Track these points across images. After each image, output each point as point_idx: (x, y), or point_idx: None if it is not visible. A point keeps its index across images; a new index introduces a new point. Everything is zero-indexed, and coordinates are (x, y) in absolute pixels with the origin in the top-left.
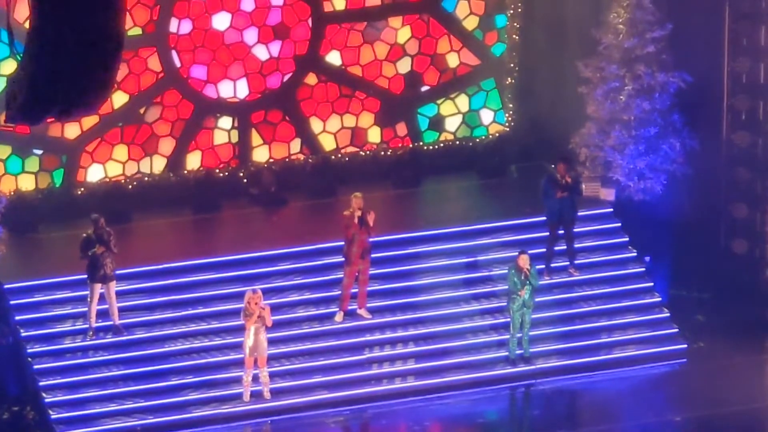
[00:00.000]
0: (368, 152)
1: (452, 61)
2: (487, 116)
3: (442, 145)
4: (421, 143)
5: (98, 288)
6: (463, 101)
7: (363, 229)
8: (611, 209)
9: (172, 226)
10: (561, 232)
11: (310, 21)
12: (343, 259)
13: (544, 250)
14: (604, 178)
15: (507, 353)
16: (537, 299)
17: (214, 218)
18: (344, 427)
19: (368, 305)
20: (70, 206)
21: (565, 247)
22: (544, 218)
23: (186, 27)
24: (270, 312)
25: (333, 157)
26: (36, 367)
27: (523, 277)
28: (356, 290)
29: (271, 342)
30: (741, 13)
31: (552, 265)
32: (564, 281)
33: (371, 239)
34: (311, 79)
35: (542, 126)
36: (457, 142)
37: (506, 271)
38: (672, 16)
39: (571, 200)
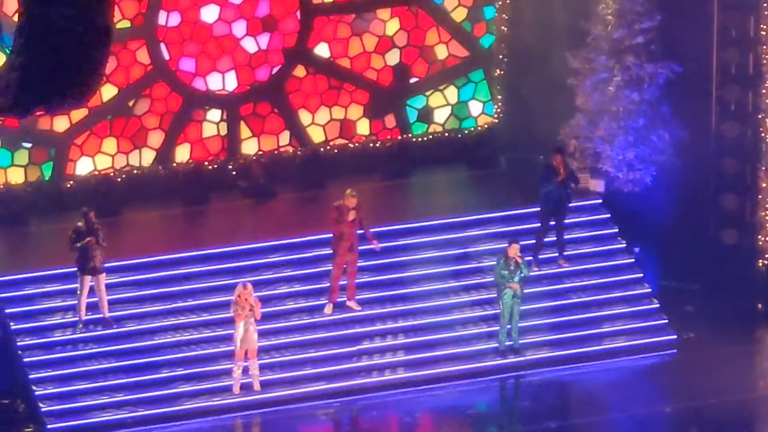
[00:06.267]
0: (357, 144)
1: (441, 52)
2: (476, 108)
3: (431, 136)
4: (410, 135)
5: (88, 280)
6: (452, 93)
7: (354, 224)
8: (600, 200)
9: (161, 219)
10: (552, 223)
11: (298, 13)
12: (331, 251)
13: (533, 241)
14: (593, 169)
15: (497, 344)
16: (526, 290)
17: (203, 211)
18: (334, 419)
19: (358, 297)
20: (59, 199)
21: (554, 238)
22: (539, 208)
23: (174, 19)
24: (260, 305)
25: (322, 149)
26: (26, 360)
27: (512, 267)
28: (345, 282)
29: (261, 334)
30: (730, 4)
31: (541, 256)
32: (554, 272)
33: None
34: (300, 71)
35: (531, 117)
36: (446, 134)
37: (494, 262)
38: (661, 7)
39: (567, 190)
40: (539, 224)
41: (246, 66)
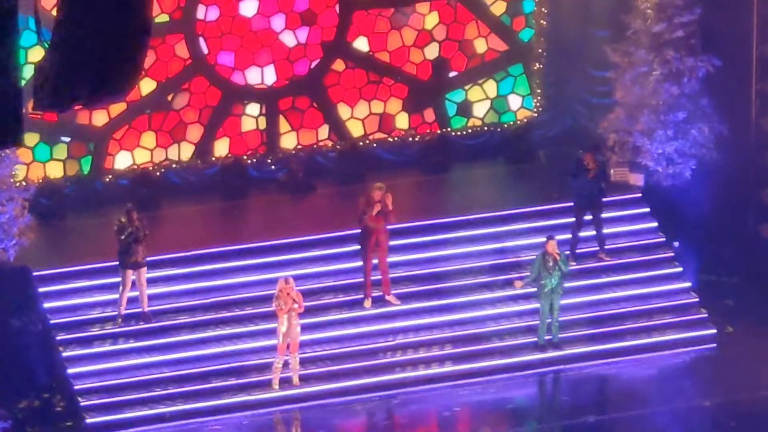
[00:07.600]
0: (396, 138)
1: (480, 46)
2: (515, 102)
3: (470, 130)
4: (449, 129)
5: (130, 275)
6: (491, 87)
7: (380, 218)
8: (640, 194)
9: (200, 213)
10: (587, 217)
11: (337, 7)
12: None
13: (570, 236)
14: (633, 163)
15: (536, 339)
16: (566, 285)
17: (243, 205)
18: (372, 414)
19: (397, 291)
20: (98, 194)
21: (593, 233)
22: (573, 203)
23: (213, 14)
24: (302, 298)
25: (361, 143)
26: (65, 354)
27: (551, 263)
28: (380, 278)
29: (301, 328)
30: None
31: (578, 250)
32: (593, 266)
33: (391, 226)
34: (339, 65)
35: (570, 111)
36: (485, 128)
37: (533, 257)
38: (700, 1)
39: (599, 186)
40: (574, 219)
41: (285, 60)
